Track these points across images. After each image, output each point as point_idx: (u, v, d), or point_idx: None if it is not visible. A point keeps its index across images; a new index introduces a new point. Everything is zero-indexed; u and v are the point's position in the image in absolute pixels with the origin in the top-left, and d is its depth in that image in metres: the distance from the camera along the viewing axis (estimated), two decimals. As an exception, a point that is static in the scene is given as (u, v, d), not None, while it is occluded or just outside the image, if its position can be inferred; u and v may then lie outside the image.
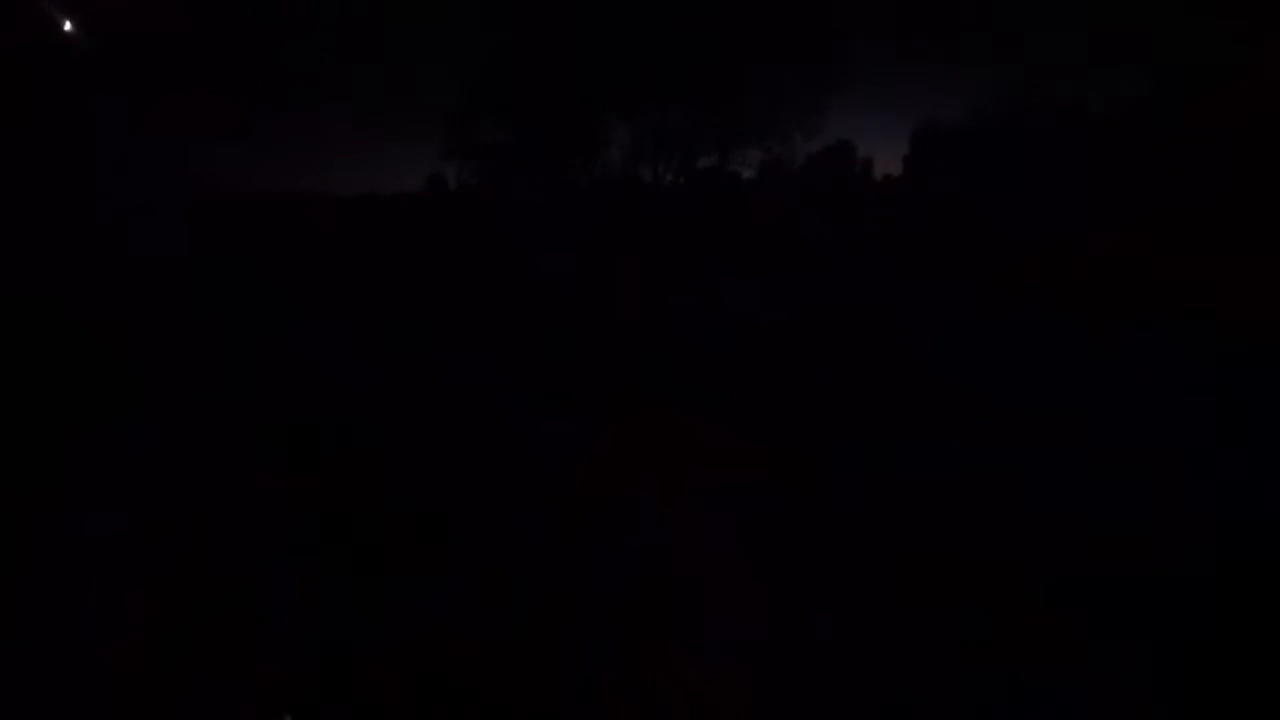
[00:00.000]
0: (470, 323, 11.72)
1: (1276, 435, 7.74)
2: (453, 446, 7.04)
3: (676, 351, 10.50)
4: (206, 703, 3.42)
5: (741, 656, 4.45)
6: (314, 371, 9.00)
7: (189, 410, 6.98)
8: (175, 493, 5.26)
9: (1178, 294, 12.97)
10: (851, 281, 15.06)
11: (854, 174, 20.23)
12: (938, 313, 13.13)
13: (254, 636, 3.52)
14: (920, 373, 10.29)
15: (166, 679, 3.48)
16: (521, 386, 8.98)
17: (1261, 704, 4.05)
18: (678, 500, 6.06)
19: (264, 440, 6.48)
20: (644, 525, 5.64)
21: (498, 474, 6.50)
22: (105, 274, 11.53)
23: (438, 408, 8.05)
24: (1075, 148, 16.55)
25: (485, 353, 10.28)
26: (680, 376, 9.43)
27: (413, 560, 4.81)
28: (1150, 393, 9.47)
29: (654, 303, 12.81)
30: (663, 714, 3.97)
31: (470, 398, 8.40)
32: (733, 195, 18.58)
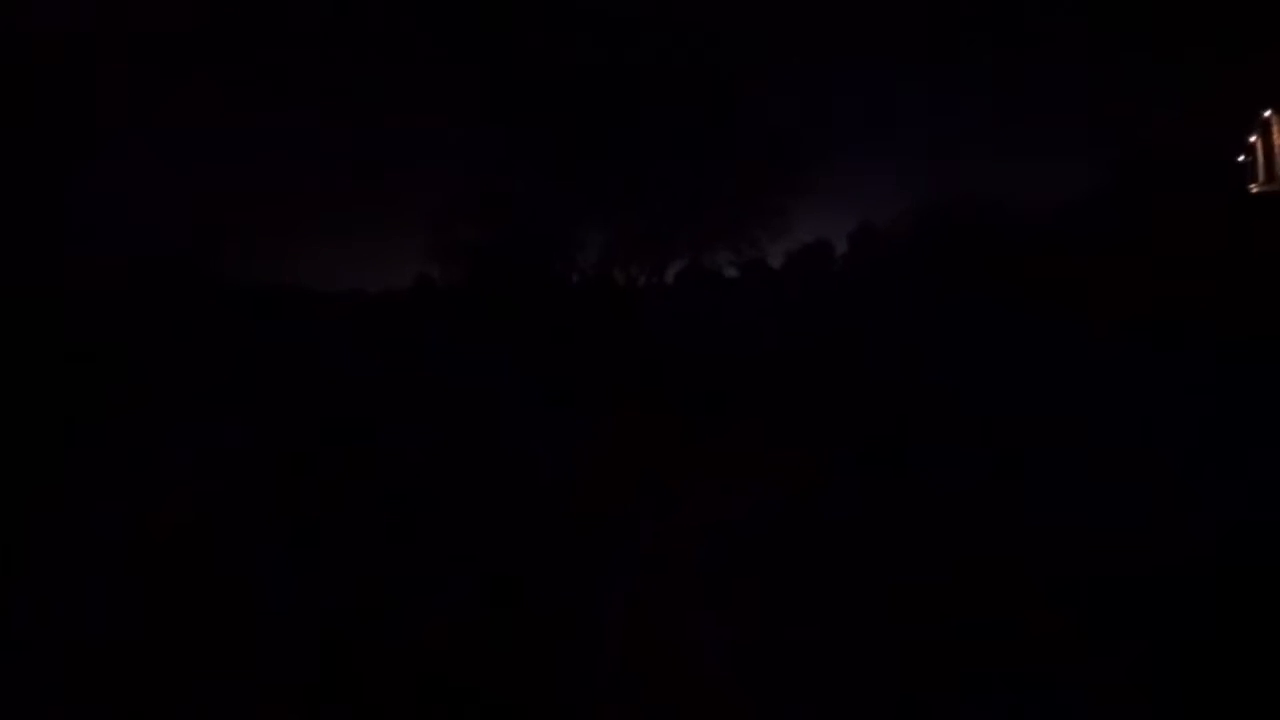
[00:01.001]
0: (473, 324, 11.72)
1: (1276, 435, 7.74)
2: (453, 447, 7.04)
3: (676, 357, 10.51)
4: (206, 703, 3.42)
5: (741, 657, 4.45)
6: (315, 371, 9.00)
7: (191, 410, 6.98)
8: (175, 493, 5.26)
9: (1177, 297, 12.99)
10: (852, 290, 15.07)
11: (834, 271, 20.81)
12: (937, 316, 13.13)
13: (254, 636, 3.52)
14: (921, 376, 10.29)
15: (166, 679, 3.48)
16: (523, 388, 8.98)
17: (1261, 704, 4.05)
18: (677, 501, 6.06)
19: (265, 440, 6.48)
20: (643, 526, 5.64)
21: (498, 475, 6.50)
22: (106, 274, 11.53)
23: (439, 408, 8.05)
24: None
25: (487, 354, 10.28)
26: (680, 381, 9.43)
27: (413, 561, 4.81)
28: (1150, 393, 9.46)
29: (654, 308, 12.83)
30: (662, 714, 3.96)
31: (471, 399, 8.40)
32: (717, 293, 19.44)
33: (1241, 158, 28.29)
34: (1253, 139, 28.60)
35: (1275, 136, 27.56)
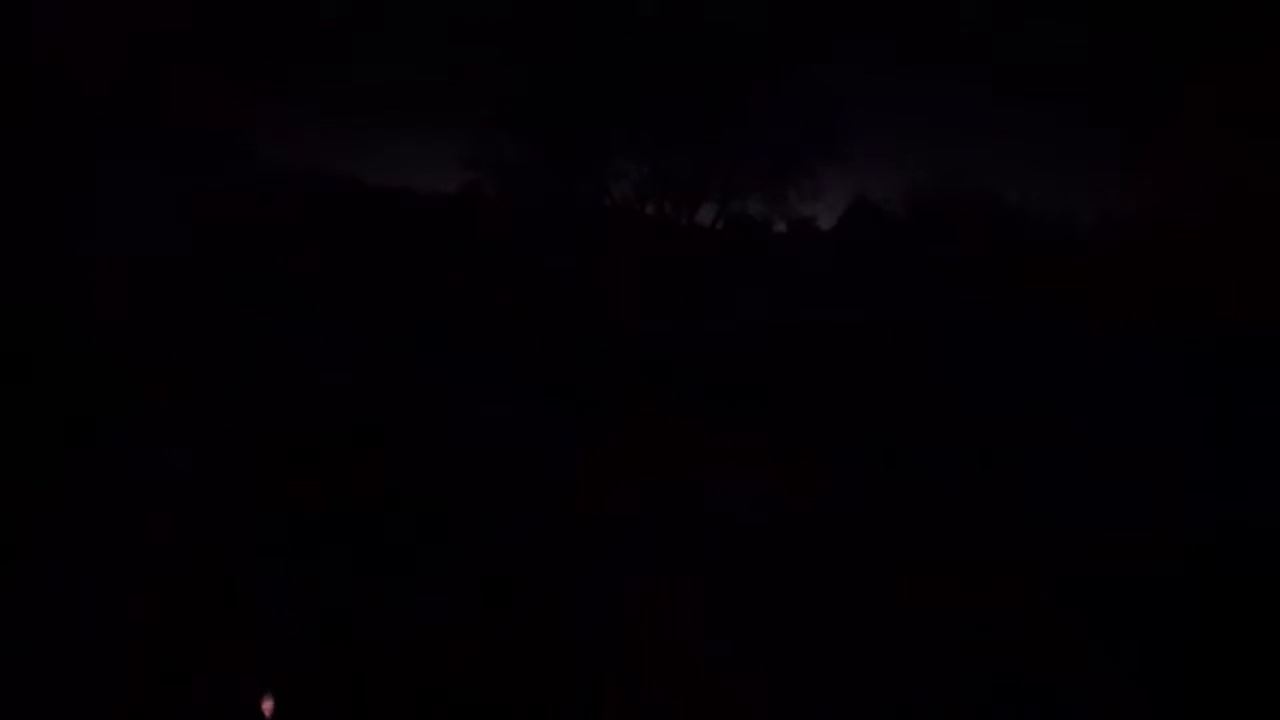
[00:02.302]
0: (475, 325, 11.72)
1: (1276, 435, 7.73)
2: (453, 447, 7.04)
3: (678, 355, 10.50)
4: (207, 702, 3.42)
5: (741, 655, 4.45)
6: (316, 371, 8.99)
7: (191, 410, 6.98)
8: (176, 493, 5.25)
9: (1177, 296, 12.98)
10: (852, 287, 15.06)
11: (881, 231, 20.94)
12: (938, 316, 13.12)
13: (254, 637, 3.52)
14: (922, 376, 10.28)
15: (167, 679, 3.48)
16: (524, 388, 8.97)
17: (1261, 704, 4.05)
18: (676, 502, 6.05)
19: (265, 440, 6.48)
20: (643, 527, 5.64)
21: (498, 475, 6.50)
22: (107, 274, 11.52)
23: (440, 408, 8.05)
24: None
25: (488, 354, 10.27)
26: (682, 380, 9.43)
27: (413, 561, 4.81)
28: (1150, 393, 9.46)
29: (658, 306, 12.82)
30: (663, 712, 3.96)
31: (471, 399, 8.39)
32: (761, 243, 19.58)
33: None
34: None
35: None
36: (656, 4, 19.41)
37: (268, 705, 2.77)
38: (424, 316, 11.65)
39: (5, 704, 3.34)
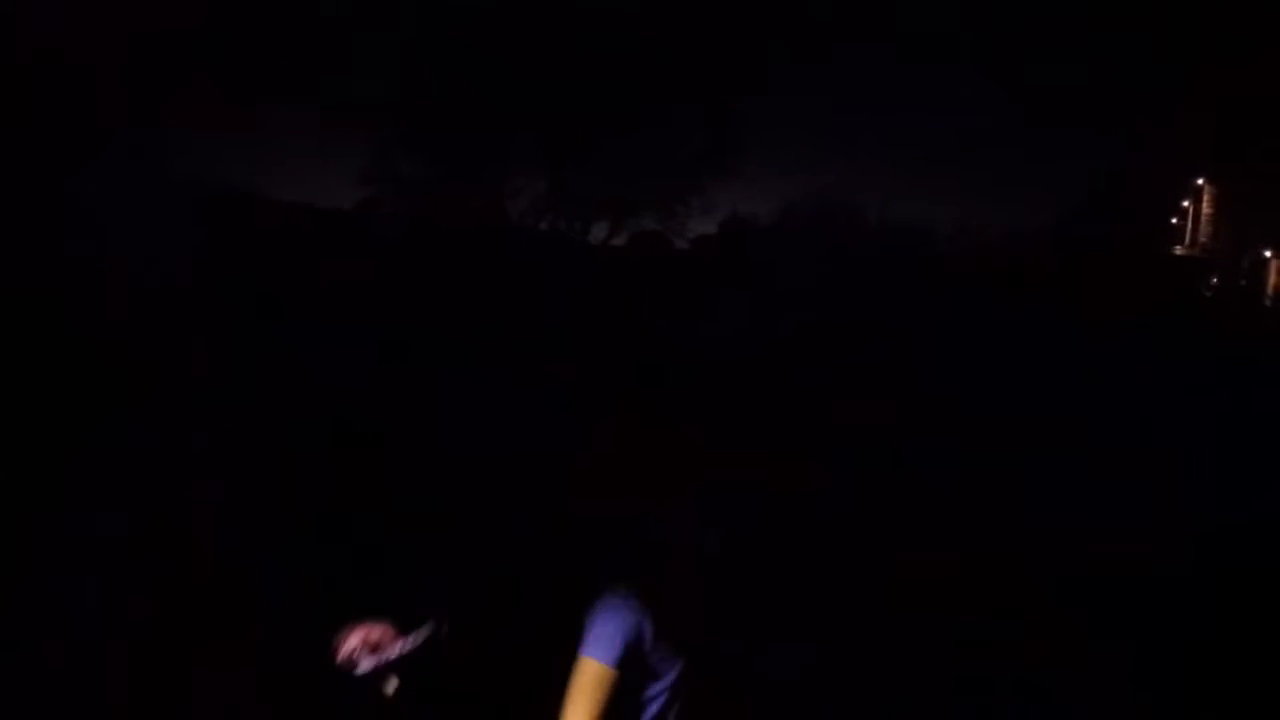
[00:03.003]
0: (473, 325, 11.73)
1: (1276, 435, 7.74)
2: (450, 446, 7.04)
3: (672, 355, 10.51)
4: (207, 703, 3.42)
5: (739, 657, 4.45)
6: (315, 371, 9.00)
7: (191, 410, 6.98)
8: (176, 493, 5.26)
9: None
10: (841, 286, 15.09)
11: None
12: (935, 314, 13.13)
13: (254, 638, 3.52)
14: (918, 375, 10.30)
15: (167, 679, 3.48)
16: (520, 386, 8.98)
17: (1261, 704, 4.06)
18: (675, 501, 6.05)
19: (265, 439, 6.48)
20: (642, 527, 5.64)
21: (496, 475, 6.50)
22: (107, 273, 11.52)
23: (437, 407, 8.06)
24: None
25: (486, 352, 10.28)
26: (676, 380, 9.44)
27: (413, 562, 4.82)
28: (1149, 393, 9.47)
29: (653, 306, 12.85)
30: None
31: (469, 398, 8.40)
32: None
33: (1174, 219, 29.45)
34: (1185, 203, 29.83)
35: (1205, 204, 28.79)
36: (553, 12, 19.72)
37: (392, 685, 2.57)
38: (413, 321, 11.66)
39: (5, 704, 3.34)
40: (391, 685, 2.46)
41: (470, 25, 19.62)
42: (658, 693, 2.04)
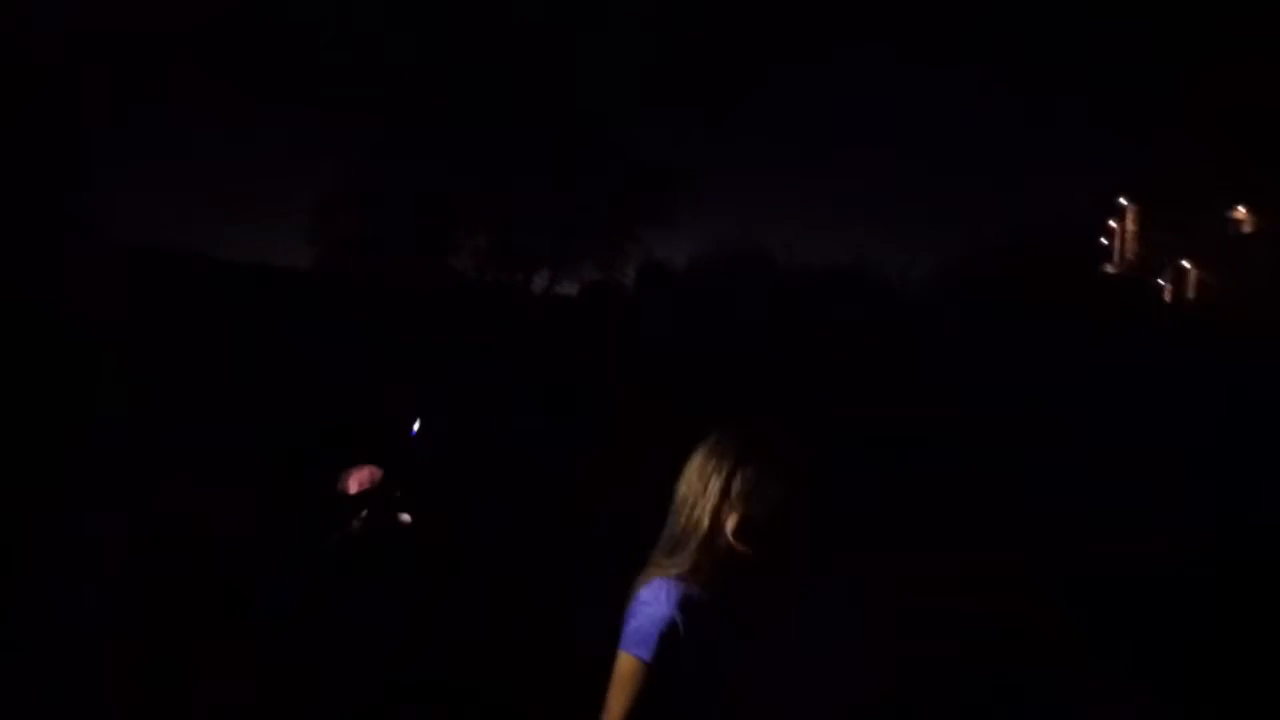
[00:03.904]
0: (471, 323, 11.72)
1: (1276, 435, 7.74)
2: (450, 447, 7.03)
3: (674, 355, 10.50)
4: (206, 703, 3.42)
5: (738, 657, 4.45)
6: (315, 372, 9.00)
7: (192, 411, 6.99)
8: (176, 493, 5.26)
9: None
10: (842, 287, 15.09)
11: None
12: (935, 313, 13.12)
13: (254, 638, 3.52)
14: (920, 374, 10.29)
15: (167, 679, 3.48)
16: (521, 386, 8.98)
17: (1262, 704, 4.05)
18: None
19: (265, 440, 6.48)
20: (643, 527, 5.63)
21: (495, 474, 6.50)
22: (107, 272, 11.52)
23: (439, 410, 8.04)
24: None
25: (485, 351, 10.28)
26: (677, 379, 9.43)
27: (413, 562, 4.81)
28: (1150, 393, 9.47)
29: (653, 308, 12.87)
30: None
31: (469, 397, 8.40)
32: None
33: (1103, 240, 30.27)
34: (1112, 223, 30.63)
35: (1129, 223, 29.63)
36: (492, 76, 20.44)
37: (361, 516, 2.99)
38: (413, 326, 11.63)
39: (5, 704, 3.34)
40: (361, 516, 3.00)
41: (410, 90, 20.20)
42: (695, 687, 2.10)
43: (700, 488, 2.10)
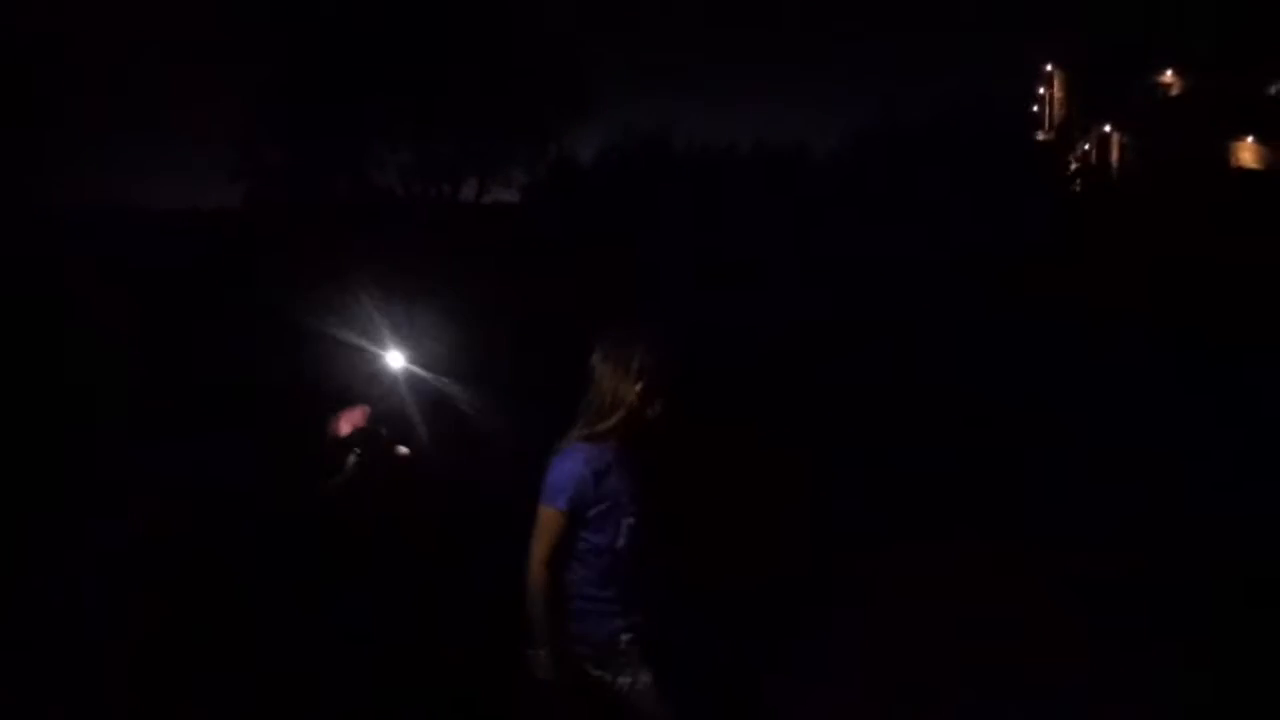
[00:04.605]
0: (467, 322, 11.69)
1: (1276, 435, 7.74)
2: (448, 447, 7.02)
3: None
4: (206, 703, 3.42)
5: (738, 657, 4.46)
6: (315, 372, 8.96)
7: (192, 412, 6.98)
8: (175, 492, 5.26)
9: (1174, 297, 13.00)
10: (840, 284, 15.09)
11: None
12: (935, 313, 13.12)
13: (253, 639, 3.52)
14: (919, 373, 10.29)
15: (166, 679, 3.48)
16: (520, 385, 8.96)
17: (1262, 704, 4.05)
18: (674, 501, 6.04)
19: (265, 440, 6.47)
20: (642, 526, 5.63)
21: (493, 474, 6.49)
22: (107, 274, 11.52)
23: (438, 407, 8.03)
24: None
25: (484, 350, 10.26)
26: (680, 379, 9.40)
27: (413, 562, 4.81)
28: (1149, 392, 9.47)
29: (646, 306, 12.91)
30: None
31: (469, 396, 8.38)
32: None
33: (1035, 108, 30.46)
34: (1040, 90, 30.87)
35: (1055, 89, 29.86)
36: None
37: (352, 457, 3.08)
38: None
39: (5, 704, 3.34)
40: (352, 457, 3.04)
41: (312, 10, 19.72)
42: (606, 532, 2.66)
43: (622, 371, 2.58)
